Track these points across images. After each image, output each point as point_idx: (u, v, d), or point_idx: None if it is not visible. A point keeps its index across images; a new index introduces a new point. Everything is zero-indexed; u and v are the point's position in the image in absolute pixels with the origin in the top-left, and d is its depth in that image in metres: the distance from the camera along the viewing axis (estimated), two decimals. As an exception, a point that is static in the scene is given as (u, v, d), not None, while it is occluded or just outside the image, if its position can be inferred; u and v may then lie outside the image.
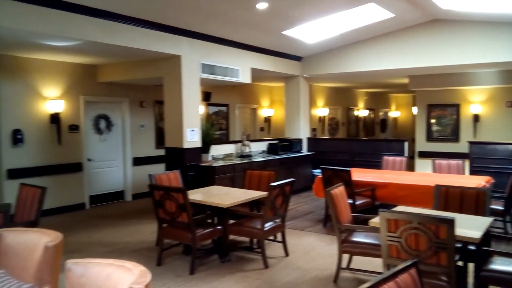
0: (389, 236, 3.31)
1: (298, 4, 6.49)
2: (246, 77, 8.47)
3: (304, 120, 10.40)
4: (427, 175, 7.31)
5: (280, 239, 5.30)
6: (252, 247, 5.47)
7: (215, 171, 7.17)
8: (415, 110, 11.97)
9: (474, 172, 8.23)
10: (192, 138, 7.20)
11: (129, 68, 7.80)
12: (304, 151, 10.20)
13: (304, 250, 5.40)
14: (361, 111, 15.60)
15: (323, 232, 6.26)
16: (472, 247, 3.53)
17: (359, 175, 6.57)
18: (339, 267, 4.35)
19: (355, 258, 4.56)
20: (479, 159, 8.47)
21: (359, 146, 10.14)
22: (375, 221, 3.60)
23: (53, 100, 7.50)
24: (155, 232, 5.60)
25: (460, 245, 3.45)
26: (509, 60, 7.47)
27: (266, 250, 4.89)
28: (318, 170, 6.86)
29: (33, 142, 7.25)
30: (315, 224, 6.74)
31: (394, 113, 17.86)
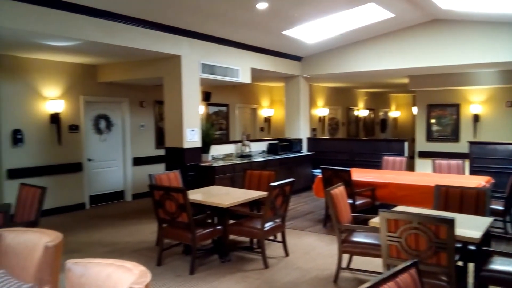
0: (389, 236, 3.31)
1: (298, 4, 6.49)
2: (246, 77, 8.47)
3: (304, 120, 10.40)
4: (427, 175, 7.31)
5: (280, 239, 5.30)
6: (252, 247, 5.47)
7: (215, 171, 7.18)
8: (415, 110, 11.97)
9: (474, 172, 8.23)
10: (192, 138, 7.20)
11: (129, 68, 7.80)
12: (304, 151, 10.20)
13: (304, 250, 5.40)
14: (361, 111, 15.60)
15: (323, 232, 6.26)
16: (472, 247, 3.53)
17: (359, 175, 6.57)
18: (339, 267, 4.35)
19: (355, 258, 4.56)
20: (479, 159, 8.47)
21: (359, 146, 10.14)
22: (375, 221, 3.60)
23: (53, 100, 7.50)
24: (155, 232, 5.60)
25: (460, 245, 3.45)
26: (509, 60, 7.48)
27: (266, 250, 4.89)
28: (318, 170, 6.86)
29: (33, 142, 7.26)
30: (315, 224, 6.74)
31: (394, 113, 17.86)
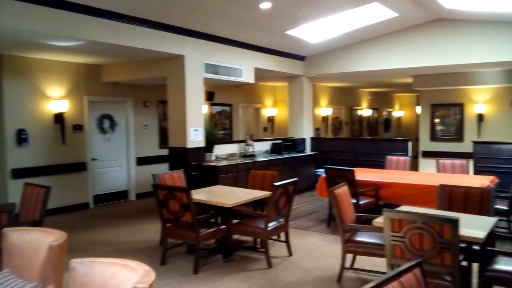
0: (393, 236, 3.30)
1: (302, 3, 6.48)
2: (249, 76, 8.47)
3: (308, 120, 10.38)
4: (431, 174, 7.29)
5: (283, 238, 5.30)
6: (255, 247, 5.47)
7: (218, 171, 7.18)
8: (419, 109, 11.92)
9: (478, 172, 8.19)
10: (195, 137, 7.21)
11: (132, 68, 7.82)
12: (308, 151, 10.19)
13: (308, 250, 5.40)
14: (364, 111, 15.56)
15: (327, 231, 6.26)
16: (477, 247, 3.53)
17: (362, 174, 6.56)
18: (343, 267, 4.34)
19: (359, 258, 4.56)
20: (483, 158, 8.42)
21: (363, 146, 10.12)
22: (379, 220, 3.60)
23: (57, 100, 7.53)
24: (159, 232, 5.61)
25: (464, 245, 3.44)
26: (513, 59, 7.45)
27: (269, 250, 4.89)
28: (322, 170, 6.86)
29: (37, 142, 7.29)
30: (319, 223, 6.73)
31: (397, 112, 17.81)
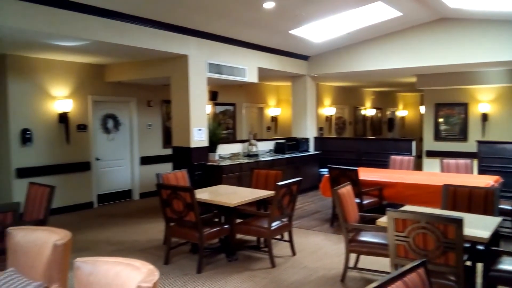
0: (396, 235, 3.30)
1: (305, 3, 6.47)
2: (253, 76, 8.47)
3: (311, 120, 10.37)
4: (435, 174, 7.26)
5: (287, 238, 5.30)
6: (259, 246, 5.47)
7: (222, 170, 7.19)
8: (422, 109, 11.90)
9: (482, 171, 8.16)
10: (199, 137, 7.22)
11: (136, 68, 7.84)
12: (311, 151, 10.18)
13: (311, 250, 5.40)
14: (368, 110, 15.53)
15: (330, 231, 6.25)
16: (481, 247, 3.51)
17: (366, 174, 6.55)
18: (346, 267, 4.34)
19: (363, 257, 4.55)
20: (488, 158, 8.39)
21: (366, 146, 10.10)
22: (383, 220, 3.59)
23: (61, 99, 7.56)
24: (163, 231, 5.63)
25: (468, 245, 3.43)
26: (518, 58, 7.42)
27: (273, 249, 4.89)
28: (325, 170, 6.85)
29: (41, 142, 7.32)
30: (322, 223, 6.73)
31: (401, 112, 17.77)
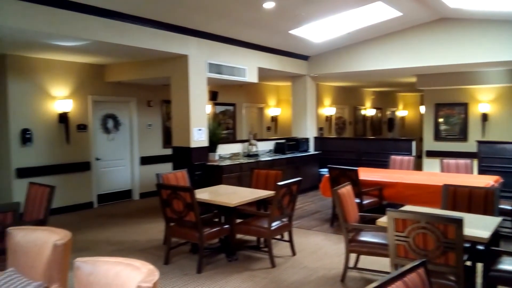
0: (396, 235, 3.30)
1: (305, 3, 6.47)
2: (253, 76, 8.47)
3: (311, 120, 10.37)
4: (435, 174, 7.26)
5: (287, 238, 5.30)
6: (259, 246, 5.47)
7: (222, 170, 7.19)
8: (422, 109, 11.90)
9: (482, 171, 8.16)
10: (199, 137, 7.22)
11: (136, 68, 7.84)
12: (311, 151, 10.18)
13: (311, 250, 5.40)
14: (368, 110, 15.53)
15: (330, 231, 6.25)
16: (481, 247, 3.51)
17: (366, 174, 6.55)
18: (346, 267, 4.34)
19: (363, 257, 4.55)
20: (488, 158, 8.39)
21: (366, 146, 10.10)
22: (383, 220, 3.59)
23: (61, 99, 7.56)
24: (163, 231, 5.63)
25: (468, 245, 3.43)
26: (518, 58, 7.42)
27: (273, 249, 4.89)
28: (325, 170, 6.85)
29: (41, 142, 7.32)
30: (322, 223, 6.73)
31: (401, 112, 17.77)
